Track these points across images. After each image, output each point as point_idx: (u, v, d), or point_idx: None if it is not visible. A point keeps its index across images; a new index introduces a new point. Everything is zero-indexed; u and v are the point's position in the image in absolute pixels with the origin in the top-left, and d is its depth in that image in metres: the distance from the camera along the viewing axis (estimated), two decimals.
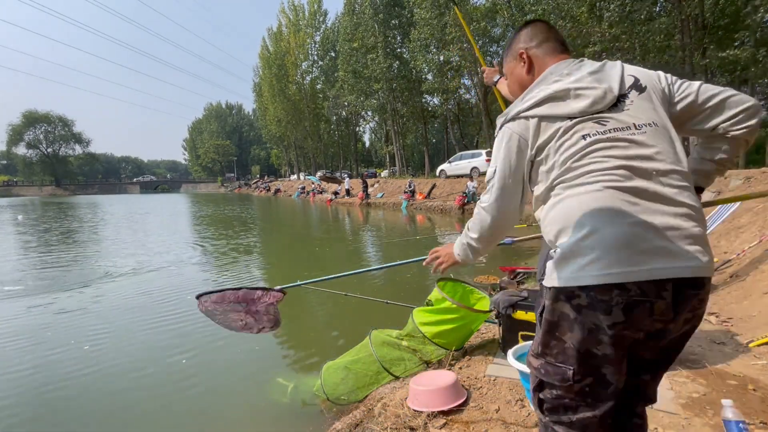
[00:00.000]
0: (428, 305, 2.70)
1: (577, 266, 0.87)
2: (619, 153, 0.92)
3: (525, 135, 1.01)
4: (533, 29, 1.18)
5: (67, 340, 3.86)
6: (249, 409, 2.73)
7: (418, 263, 2.03)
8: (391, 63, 26.78)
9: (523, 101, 1.04)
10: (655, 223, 0.86)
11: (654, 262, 0.83)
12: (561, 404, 0.96)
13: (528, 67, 1.16)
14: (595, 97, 0.97)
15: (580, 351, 0.90)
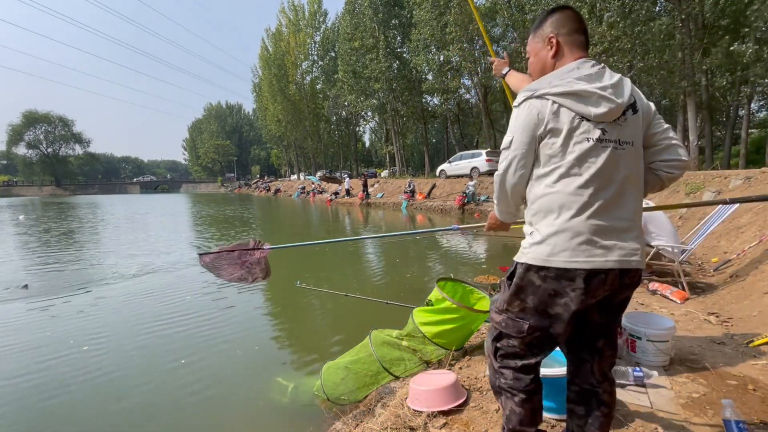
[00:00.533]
0: (428, 305, 2.70)
1: (550, 251, 1.13)
2: (604, 163, 1.12)
3: (543, 113, 1.14)
4: (565, 16, 1.26)
5: (66, 341, 3.86)
6: (249, 409, 2.73)
7: (432, 233, 2.04)
8: (390, 63, 26.77)
9: (551, 85, 1.16)
10: (613, 226, 1.13)
11: (609, 255, 1.11)
12: (512, 352, 1.26)
13: (555, 52, 1.26)
14: (610, 109, 1.13)
15: (538, 310, 1.19)
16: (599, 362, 1.28)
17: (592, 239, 1.11)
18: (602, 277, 1.12)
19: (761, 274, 3.54)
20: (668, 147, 1.26)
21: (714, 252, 4.93)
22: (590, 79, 1.15)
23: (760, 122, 22.51)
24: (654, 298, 3.64)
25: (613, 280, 1.14)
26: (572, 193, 1.13)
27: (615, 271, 1.12)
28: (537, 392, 1.28)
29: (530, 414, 1.27)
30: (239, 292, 5.48)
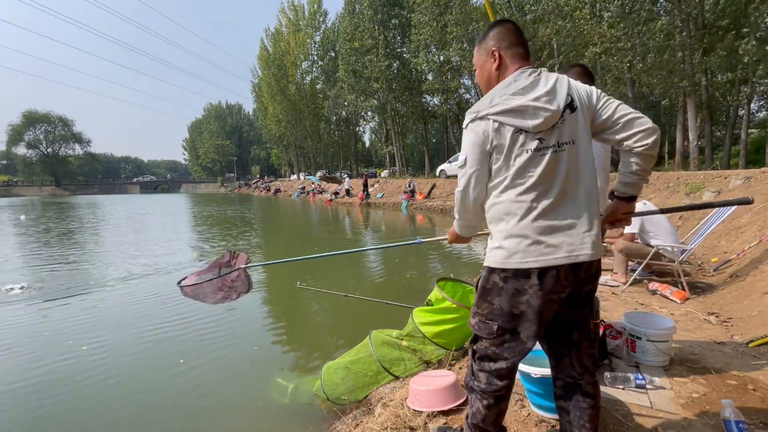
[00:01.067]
0: (428, 305, 2.70)
1: (506, 255, 1.23)
2: (544, 169, 1.21)
3: (487, 132, 1.24)
4: (505, 30, 1.36)
5: (64, 341, 3.86)
6: (249, 410, 2.73)
7: (416, 246, 2.04)
8: (390, 63, 26.76)
9: (490, 104, 1.25)
10: (558, 225, 1.21)
11: (556, 252, 1.19)
12: (486, 354, 1.31)
13: (498, 65, 1.34)
14: (545, 118, 1.21)
15: (504, 310, 1.25)
16: (577, 354, 1.34)
17: (538, 239, 1.20)
18: (554, 273, 1.20)
19: (761, 274, 3.54)
20: (626, 123, 1.28)
21: (714, 252, 4.93)
22: (525, 91, 1.23)
23: (760, 122, 22.51)
24: (654, 298, 3.64)
25: (566, 274, 1.21)
26: (516, 201, 1.23)
27: (565, 266, 1.20)
28: (505, 398, 1.35)
29: (495, 416, 1.35)
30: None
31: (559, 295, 1.23)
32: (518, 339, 1.27)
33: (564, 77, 1.28)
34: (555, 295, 1.22)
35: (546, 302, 1.22)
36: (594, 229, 1.24)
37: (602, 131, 1.32)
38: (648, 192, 9.62)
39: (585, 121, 1.27)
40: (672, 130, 20.79)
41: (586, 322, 1.34)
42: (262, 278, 6.46)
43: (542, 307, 1.22)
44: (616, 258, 4.06)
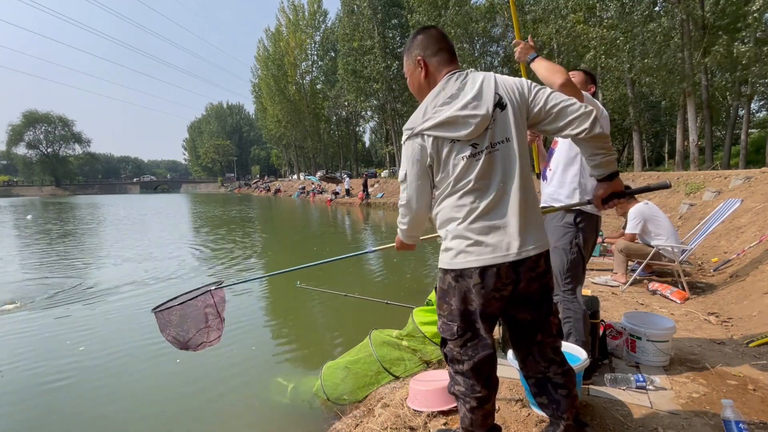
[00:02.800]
0: (428, 305, 2.70)
1: (453, 255, 1.27)
2: (479, 172, 1.23)
3: (425, 147, 1.27)
4: (428, 37, 1.37)
5: (62, 341, 3.86)
6: (249, 410, 2.73)
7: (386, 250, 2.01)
8: (389, 63, 26.76)
9: (423, 119, 1.27)
10: (495, 225, 1.23)
11: (495, 252, 1.22)
12: (453, 356, 1.34)
13: (425, 73, 1.36)
14: (476, 125, 1.22)
15: (461, 309, 1.28)
16: (540, 350, 1.36)
17: (477, 240, 1.23)
18: (495, 271, 1.22)
19: (761, 274, 3.54)
20: (559, 112, 1.27)
21: (714, 252, 4.93)
22: (453, 99, 1.25)
23: (760, 122, 22.51)
24: (654, 298, 3.64)
25: (506, 272, 1.23)
26: (457, 205, 1.27)
27: (505, 264, 1.22)
28: (488, 400, 1.35)
29: (482, 418, 1.36)
30: (238, 293, 5.48)
31: (501, 293, 1.25)
32: (478, 336, 1.29)
33: (491, 75, 1.28)
34: (497, 293, 1.24)
35: (488, 300, 1.24)
36: (531, 225, 1.26)
37: (537, 123, 1.32)
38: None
39: (518, 116, 1.27)
40: (672, 130, 20.79)
41: (547, 322, 1.35)
42: (260, 275, 6.46)
43: (485, 304, 1.25)
44: (616, 258, 4.06)
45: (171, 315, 2.20)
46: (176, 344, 2.22)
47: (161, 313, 2.17)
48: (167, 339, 2.19)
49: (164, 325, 2.20)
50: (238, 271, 6.74)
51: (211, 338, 2.25)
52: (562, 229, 1.99)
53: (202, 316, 2.25)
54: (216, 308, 2.26)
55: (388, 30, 27.66)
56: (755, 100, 19.34)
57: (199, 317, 2.24)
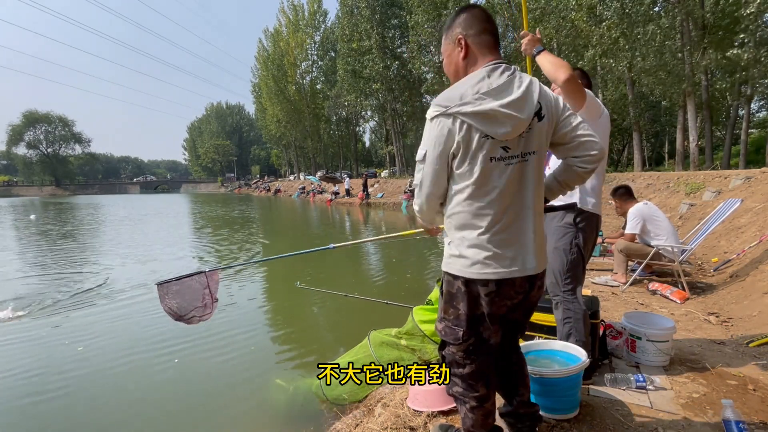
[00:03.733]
0: (429, 305, 2.70)
1: (468, 264, 1.22)
2: (508, 180, 1.19)
3: (453, 132, 1.17)
4: (472, 16, 1.27)
5: (61, 341, 3.85)
6: (249, 410, 2.73)
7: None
8: (389, 64, 26.74)
9: (461, 101, 1.16)
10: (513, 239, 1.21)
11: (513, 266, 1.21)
12: (454, 360, 1.33)
13: (465, 53, 1.26)
14: (513, 127, 1.16)
15: (468, 315, 1.26)
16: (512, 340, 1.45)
17: (496, 252, 1.20)
18: (513, 282, 1.23)
19: (761, 274, 3.54)
20: (581, 144, 1.29)
21: (714, 252, 4.92)
22: (498, 93, 1.16)
23: (760, 122, 22.51)
24: (654, 298, 3.64)
25: (521, 283, 1.24)
26: (477, 213, 1.20)
27: (522, 277, 1.23)
28: (488, 398, 1.35)
29: (482, 418, 1.35)
30: (237, 294, 5.48)
31: (513, 301, 1.27)
32: (482, 340, 1.29)
33: (536, 81, 1.23)
34: (509, 301, 1.26)
35: (499, 307, 1.26)
36: (542, 241, 1.29)
37: (556, 144, 1.32)
38: (648, 192, 9.61)
39: (549, 131, 1.26)
40: (672, 130, 20.79)
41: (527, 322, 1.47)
42: (262, 278, 6.46)
43: (495, 311, 1.26)
44: (616, 258, 4.06)
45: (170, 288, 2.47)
46: (173, 315, 2.46)
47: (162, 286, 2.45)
48: (165, 309, 2.46)
49: (163, 296, 2.46)
50: (238, 272, 6.73)
51: (204, 314, 2.50)
52: (562, 229, 1.99)
53: (199, 295, 2.52)
54: (209, 288, 2.54)
55: (387, 30, 27.64)
56: (755, 100, 19.34)
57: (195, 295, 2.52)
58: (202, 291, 2.55)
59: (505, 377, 1.45)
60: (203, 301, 2.54)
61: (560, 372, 1.68)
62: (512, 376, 1.45)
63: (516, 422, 1.48)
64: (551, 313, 2.10)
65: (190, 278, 2.54)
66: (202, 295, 2.55)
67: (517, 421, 1.47)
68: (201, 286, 2.55)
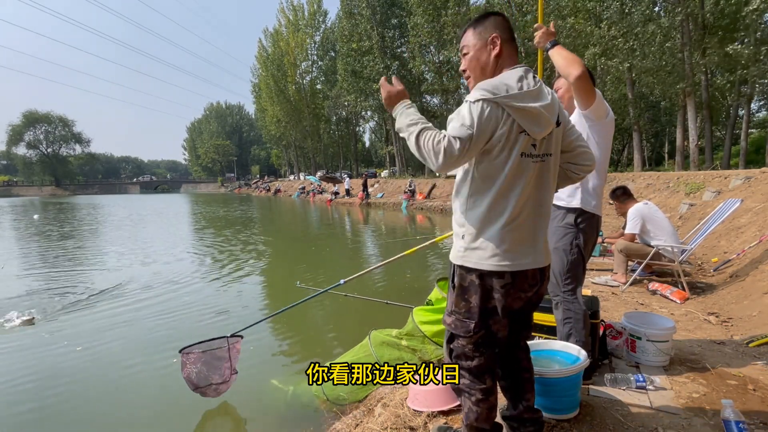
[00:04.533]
0: (428, 305, 2.70)
1: (485, 256, 1.25)
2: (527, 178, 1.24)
3: (499, 120, 1.19)
4: (505, 22, 1.34)
5: (60, 342, 3.85)
6: (248, 411, 2.72)
7: None
8: (389, 64, 26.75)
9: (507, 93, 1.18)
10: (529, 234, 1.27)
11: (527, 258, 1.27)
12: (463, 353, 1.35)
13: (499, 53, 1.30)
14: (546, 128, 1.24)
15: (480, 308, 1.29)
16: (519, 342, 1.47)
17: (514, 246, 1.25)
18: (526, 274, 1.28)
19: (761, 274, 3.54)
20: (582, 153, 1.41)
21: (714, 252, 4.93)
22: (536, 95, 1.23)
23: (760, 122, 22.51)
24: (654, 298, 3.64)
25: (533, 275, 1.30)
26: (501, 206, 1.24)
27: (535, 269, 1.29)
28: (492, 391, 1.38)
29: (487, 411, 1.37)
30: (237, 294, 5.48)
31: (527, 293, 1.31)
32: (491, 334, 1.33)
33: (553, 92, 1.31)
34: (524, 293, 1.30)
35: (514, 299, 1.29)
36: (547, 237, 1.37)
37: (561, 150, 1.39)
38: (648, 192, 9.62)
39: (561, 138, 1.35)
40: (672, 130, 20.80)
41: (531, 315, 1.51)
42: (261, 277, 6.46)
43: (510, 303, 1.29)
44: (616, 258, 4.06)
45: (193, 355, 2.54)
46: (191, 384, 2.53)
47: (185, 354, 2.53)
48: (184, 376, 2.52)
49: (184, 363, 2.52)
50: (239, 276, 6.74)
51: (221, 388, 2.58)
52: (562, 230, 1.99)
53: (220, 367, 2.57)
54: (230, 361, 2.59)
55: (387, 30, 27.65)
56: (755, 100, 19.35)
57: (216, 367, 2.57)
58: (224, 364, 2.58)
59: (513, 380, 1.46)
60: (223, 373, 2.58)
61: (560, 372, 1.68)
62: (521, 380, 1.46)
63: (519, 427, 1.47)
64: (551, 313, 2.10)
65: (212, 344, 2.59)
66: (223, 368, 2.58)
67: (521, 426, 1.47)
68: (223, 358, 2.58)
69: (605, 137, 1.99)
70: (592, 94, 1.82)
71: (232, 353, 2.59)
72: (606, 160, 2.05)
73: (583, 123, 1.96)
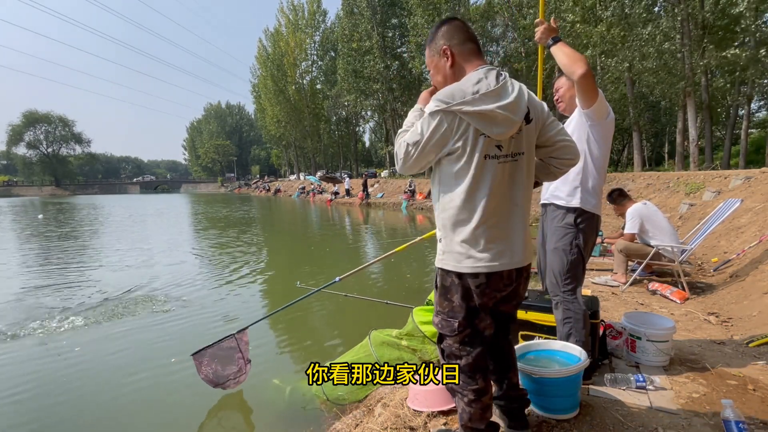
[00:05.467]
0: (428, 305, 2.70)
1: (460, 259, 1.28)
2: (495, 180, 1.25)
3: (452, 128, 1.22)
4: (453, 27, 1.35)
5: (58, 342, 3.85)
6: (248, 411, 2.72)
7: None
8: (389, 64, 26.77)
9: (462, 99, 1.20)
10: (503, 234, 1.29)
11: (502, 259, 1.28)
12: (451, 352, 1.38)
13: (452, 62, 1.34)
14: (508, 128, 1.23)
15: (463, 306, 1.32)
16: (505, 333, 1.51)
17: (487, 247, 1.27)
18: (501, 274, 1.30)
19: (761, 274, 3.54)
20: (563, 147, 1.40)
21: (714, 252, 4.93)
22: (496, 95, 1.22)
23: (760, 122, 22.51)
24: (654, 298, 3.64)
25: (509, 275, 1.32)
26: (471, 208, 1.26)
27: (510, 270, 1.31)
28: (485, 392, 1.40)
29: (480, 411, 1.39)
30: (236, 293, 5.48)
31: (502, 293, 1.35)
32: (477, 331, 1.36)
33: (524, 87, 1.29)
34: (498, 293, 1.34)
35: (490, 298, 1.33)
36: (528, 237, 1.37)
37: (539, 146, 1.40)
38: (648, 192, 9.62)
39: (535, 134, 1.34)
40: (672, 130, 20.80)
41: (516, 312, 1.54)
42: (261, 277, 6.46)
43: (486, 302, 1.33)
44: (616, 258, 4.06)
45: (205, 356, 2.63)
46: (210, 383, 2.63)
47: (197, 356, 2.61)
48: (202, 378, 2.63)
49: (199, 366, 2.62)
50: (240, 277, 6.74)
51: (239, 377, 2.68)
52: (562, 230, 1.99)
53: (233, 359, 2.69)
54: (241, 352, 2.70)
55: (387, 30, 27.66)
56: (755, 100, 19.34)
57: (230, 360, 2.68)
58: (236, 355, 2.70)
59: (495, 361, 1.51)
60: (237, 365, 2.69)
61: (560, 372, 1.68)
62: (503, 360, 1.51)
63: (507, 404, 1.55)
64: (551, 313, 2.10)
65: (221, 342, 2.69)
66: (236, 359, 2.70)
67: (508, 403, 1.54)
68: (234, 350, 2.70)
69: (605, 137, 1.98)
70: (594, 93, 1.81)
71: (242, 345, 2.72)
72: (606, 160, 2.05)
73: (583, 122, 1.95)
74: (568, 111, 2.15)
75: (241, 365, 2.69)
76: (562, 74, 2.14)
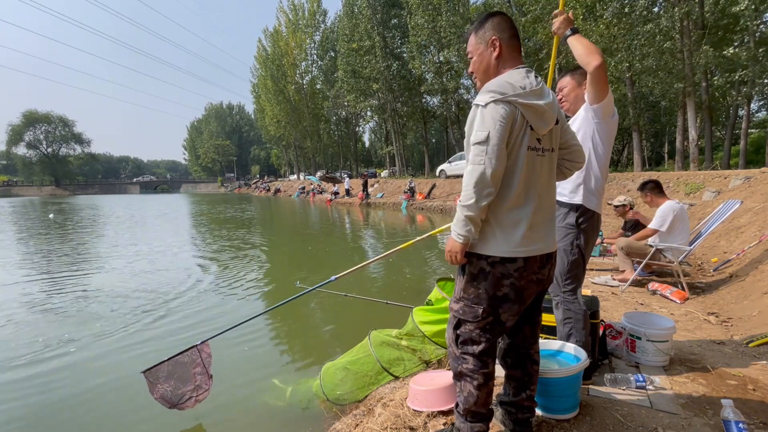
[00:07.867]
0: (428, 305, 2.70)
1: (497, 243, 1.32)
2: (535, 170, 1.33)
3: (513, 117, 1.26)
4: (504, 21, 1.40)
5: (58, 342, 3.85)
6: (248, 411, 2.72)
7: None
8: (389, 63, 26.75)
9: (515, 91, 1.26)
10: (539, 221, 1.36)
11: (537, 244, 1.35)
12: (470, 338, 1.40)
13: (498, 54, 1.38)
14: (549, 124, 1.34)
15: (489, 293, 1.35)
16: (533, 329, 1.53)
17: (527, 233, 1.32)
18: (536, 258, 1.36)
19: (761, 274, 3.54)
20: (576, 151, 1.52)
21: (714, 252, 4.93)
22: (538, 94, 1.31)
23: (760, 122, 22.51)
24: (654, 298, 3.64)
25: (542, 260, 1.38)
26: (512, 196, 1.31)
27: (543, 254, 1.38)
28: (492, 377, 1.45)
29: (486, 396, 1.44)
30: (235, 293, 5.48)
31: (538, 276, 1.39)
32: (498, 320, 1.39)
33: (552, 92, 1.40)
34: (535, 276, 1.37)
35: (528, 283, 1.36)
36: (555, 224, 1.48)
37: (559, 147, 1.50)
38: None
39: (559, 135, 1.45)
40: (672, 130, 20.80)
41: (542, 300, 1.55)
42: (260, 277, 6.46)
43: (524, 286, 1.36)
44: (620, 256, 4.05)
45: (160, 372, 2.31)
46: (166, 403, 2.33)
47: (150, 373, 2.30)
48: (155, 398, 2.31)
49: (152, 384, 2.31)
50: (240, 277, 6.73)
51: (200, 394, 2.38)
52: (563, 230, 1.99)
53: (189, 375, 2.36)
54: (203, 364, 2.39)
55: (387, 30, 27.64)
56: (755, 100, 19.34)
57: (186, 375, 2.36)
58: (192, 371, 2.38)
59: (524, 372, 1.54)
60: (195, 381, 2.37)
61: (560, 372, 1.68)
62: (531, 372, 1.54)
63: (516, 412, 1.56)
64: (551, 313, 2.10)
65: (180, 355, 2.37)
66: (193, 374, 2.37)
67: (518, 411, 1.56)
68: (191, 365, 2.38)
69: (609, 136, 1.99)
70: (606, 87, 1.83)
71: (203, 357, 2.42)
72: (608, 160, 2.05)
73: (589, 119, 1.96)
74: (572, 111, 2.15)
75: (201, 381, 2.39)
76: (566, 73, 2.14)
